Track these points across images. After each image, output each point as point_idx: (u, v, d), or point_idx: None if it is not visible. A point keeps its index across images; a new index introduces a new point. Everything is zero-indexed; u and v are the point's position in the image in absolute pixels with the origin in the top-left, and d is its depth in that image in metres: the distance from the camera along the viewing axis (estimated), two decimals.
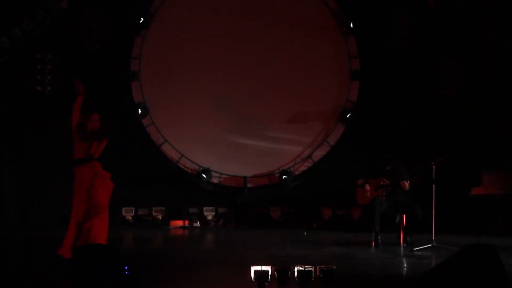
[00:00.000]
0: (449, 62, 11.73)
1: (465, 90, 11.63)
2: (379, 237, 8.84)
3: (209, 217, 12.08)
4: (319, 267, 5.25)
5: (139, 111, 11.99)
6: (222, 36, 12.21)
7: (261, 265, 5.10)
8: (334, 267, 5.02)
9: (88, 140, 7.46)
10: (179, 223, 12.00)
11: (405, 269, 7.19)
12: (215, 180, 12.16)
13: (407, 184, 8.76)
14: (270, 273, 5.09)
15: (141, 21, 11.93)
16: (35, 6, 11.51)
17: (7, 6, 11.44)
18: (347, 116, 12.01)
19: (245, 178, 12.16)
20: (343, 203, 11.59)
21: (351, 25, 11.95)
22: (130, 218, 11.76)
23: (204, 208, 12.11)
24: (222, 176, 12.21)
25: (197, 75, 12.17)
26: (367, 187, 9.04)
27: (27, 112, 11.80)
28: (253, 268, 5.09)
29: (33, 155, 11.82)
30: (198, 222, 12.00)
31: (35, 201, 11.79)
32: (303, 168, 12.27)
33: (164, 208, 11.91)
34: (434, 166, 8.39)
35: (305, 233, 10.76)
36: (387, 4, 11.90)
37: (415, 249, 8.36)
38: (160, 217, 11.87)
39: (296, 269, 5.14)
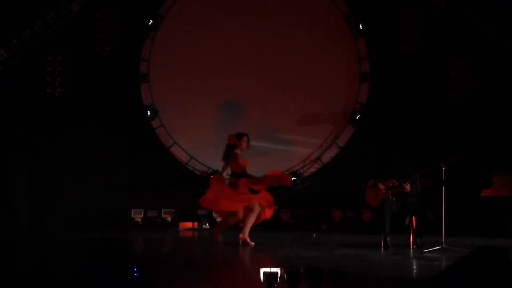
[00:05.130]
0: (461, 64, 11.68)
1: (477, 92, 11.58)
2: (388, 239, 8.83)
3: (218, 219, 12.05)
4: (329, 269, 5.24)
5: (148, 113, 12.01)
6: (231, 38, 12.22)
7: (270, 266, 5.10)
8: (344, 268, 5.00)
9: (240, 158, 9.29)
10: (189, 225, 12.00)
11: (415, 271, 7.16)
12: None
13: (408, 186, 8.77)
14: (279, 275, 5.09)
15: (150, 23, 11.95)
16: (45, 8, 11.56)
17: (18, 8, 11.49)
18: (357, 118, 11.98)
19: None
20: (353, 205, 11.56)
21: (361, 26, 11.92)
22: (140, 220, 11.78)
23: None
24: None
25: (206, 77, 12.19)
26: (380, 186, 9.02)
27: (39, 114, 11.86)
28: (262, 270, 5.09)
29: (46, 157, 11.89)
30: (208, 224, 11.99)
31: (47, 203, 11.85)
32: (313, 169, 12.25)
33: (173, 210, 11.91)
34: (444, 168, 8.37)
35: (314, 235, 10.74)
36: (397, 6, 11.86)
37: (425, 251, 8.33)
38: (169, 219, 11.87)
39: (306, 270, 5.13)
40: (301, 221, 12.03)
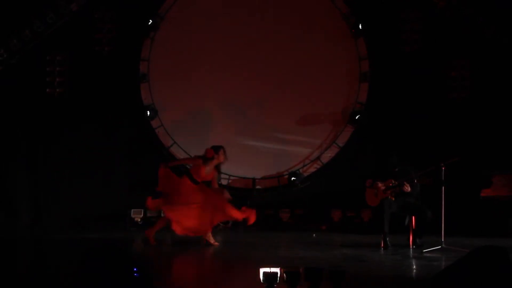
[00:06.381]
0: (461, 64, 11.68)
1: (477, 92, 11.58)
2: (387, 239, 8.82)
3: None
4: (329, 269, 5.25)
5: (148, 113, 12.01)
6: (231, 38, 12.22)
7: (270, 266, 5.10)
8: (344, 269, 5.00)
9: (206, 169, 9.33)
10: None
11: (415, 271, 7.17)
12: (224, 182, 12.14)
13: (407, 187, 8.77)
14: (279, 275, 5.09)
15: (149, 23, 11.95)
16: (45, 8, 11.56)
17: (17, 8, 11.49)
18: (356, 118, 11.98)
19: (253, 179, 12.16)
20: (352, 205, 11.56)
21: (360, 26, 11.92)
22: (139, 220, 11.77)
23: None
24: (231, 177, 12.21)
25: (206, 77, 12.19)
26: (378, 184, 9.01)
27: (39, 114, 11.86)
28: (262, 270, 5.09)
29: (46, 157, 11.88)
30: None
31: (47, 203, 11.84)
32: (312, 169, 12.25)
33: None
34: (444, 168, 8.38)
35: (314, 235, 10.74)
36: (397, 6, 11.86)
37: (424, 251, 8.34)
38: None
39: (305, 270, 5.14)
40: (300, 221, 12.03)
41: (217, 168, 9.54)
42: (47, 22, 11.60)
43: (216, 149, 9.44)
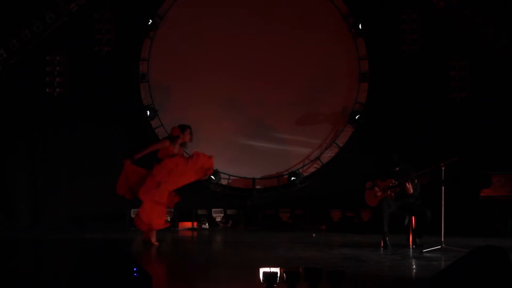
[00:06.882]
0: (460, 65, 11.69)
1: (476, 93, 11.59)
2: (387, 239, 8.83)
3: (218, 219, 12.07)
4: (328, 269, 5.25)
5: (148, 112, 12.02)
6: (231, 38, 12.22)
7: (270, 266, 5.11)
8: (344, 268, 5.01)
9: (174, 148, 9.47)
10: (188, 224, 12.00)
11: (415, 271, 7.18)
12: (224, 182, 12.16)
13: (410, 187, 8.76)
14: (279, 275, 5.10)
15: (149, 23, 11.95)
16: (44, 8, 11.56)
17: (17, 8, 11.49)
18: (356, 118, 11.98)
19: (253, 179, 12.15)
20: (352, 205, 11.57)
21: (360, 26, 11.92)
22: None
23: (213, 209, 12.10)
24: (231, 177, 12.21)
25: (206, 76, 12.19)
26: (377, 192, 9.03)
27: (38, 114, 11.85)
28: (262, 270, 5.10)
29: (45, 158, 11.87)
30: (207, 224, 11.99)
31: (46, 203, 11.83)
32: (312, 169, 12.25)
33: (172, 210, 11.89)
34: (443, 168, 8.39)
35: (313, 235, 10.75)
36: (397, 6, 11.87)
37: (424, 250, 8.35)
38: (168, 218, 11.85)
39: (305, 270, 5.14)
40: (300, 221, 12.03)
41: (182, 146, 9.66)
42: (46, 22, 11.60)
43: (183, 128, 9.56)
